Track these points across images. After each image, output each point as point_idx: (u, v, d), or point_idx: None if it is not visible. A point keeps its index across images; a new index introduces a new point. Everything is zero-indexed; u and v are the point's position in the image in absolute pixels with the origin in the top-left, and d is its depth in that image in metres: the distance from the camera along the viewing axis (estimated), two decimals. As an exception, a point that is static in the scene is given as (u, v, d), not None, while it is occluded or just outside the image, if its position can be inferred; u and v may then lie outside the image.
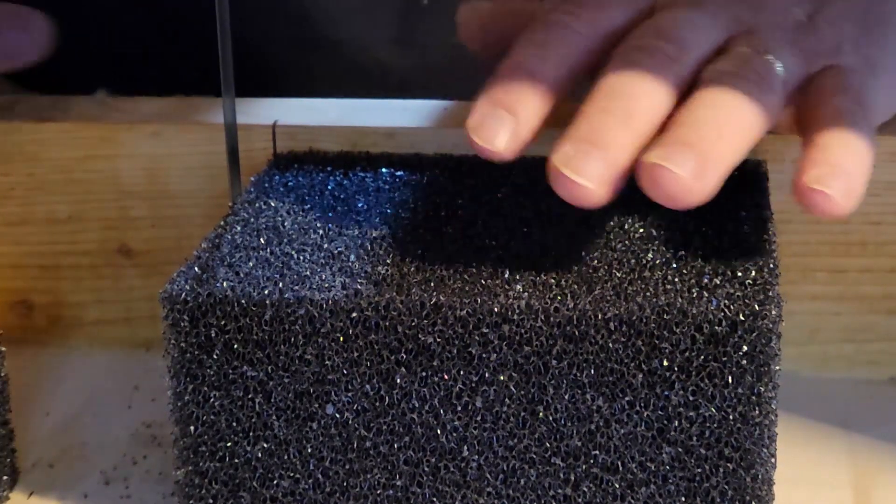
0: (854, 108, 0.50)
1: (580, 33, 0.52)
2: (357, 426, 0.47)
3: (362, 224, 0.51)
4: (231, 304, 0.46)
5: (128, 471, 0.53)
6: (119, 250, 0.61)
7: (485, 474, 0.47)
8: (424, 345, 0.46)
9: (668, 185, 0.45)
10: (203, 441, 0.48)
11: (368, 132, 0.58)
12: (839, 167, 0.47)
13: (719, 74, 0.49)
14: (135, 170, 0.60)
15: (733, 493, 0.46)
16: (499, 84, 0.50)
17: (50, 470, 0.53)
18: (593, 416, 0.46)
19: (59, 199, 0.60)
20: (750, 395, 0.45)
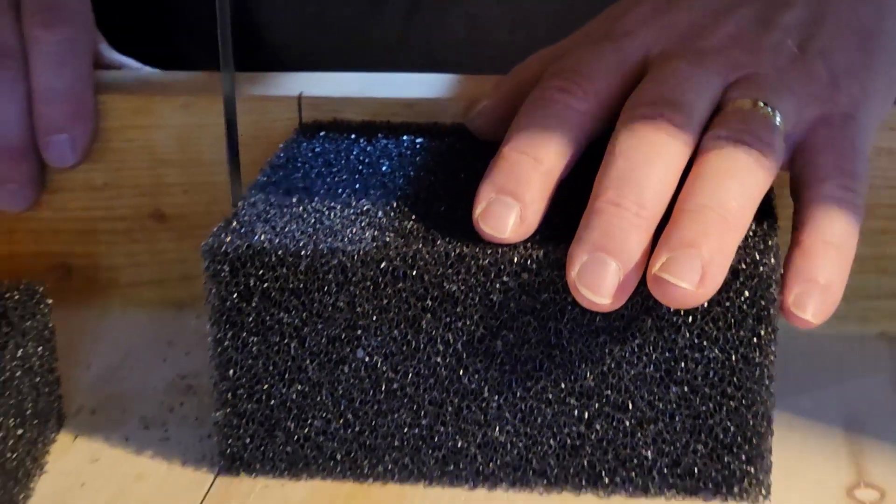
0: (843, 197, 0.51)
1: (577, 109, 0.53)
2: (385, 369, 0.50)
3: (387, 184, 0.54)
4: (268, 255, 0.49)
5: (165, 416, 0.56)
6: (152, 215, 0.64)
7: (504, 413, 0.50)
8: (449, 292, 0.49)
9: (675, 297, 0.47)
10: (241, 384, 0.51)
11: (389, 103, 0.61)
12: (817, 284, 0.49)
13: (720, 143, 0.50)
14: (168, 139, 0.63)
15: (735, 429, 0.49)
16: (501, 170, 0.51)
17: (92, 416, 0.56)
18: (605, 358, 0.49)
19: (96, 168, 0.64)
20: (751, 337, 0.48)
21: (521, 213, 0.49)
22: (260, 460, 0.52)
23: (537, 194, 0.50)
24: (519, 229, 0.49)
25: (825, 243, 0.50)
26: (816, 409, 0.56)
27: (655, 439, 0.50)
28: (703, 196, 0.48)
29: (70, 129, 0.62)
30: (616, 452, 0.50)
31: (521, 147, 0.51)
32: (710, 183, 0.49)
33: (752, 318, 0.48)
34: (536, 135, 0.51)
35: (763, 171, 0.50)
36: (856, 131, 0.54)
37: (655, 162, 0.49)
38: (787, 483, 0.51)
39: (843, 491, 0.50)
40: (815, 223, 0.51)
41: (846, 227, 0.51)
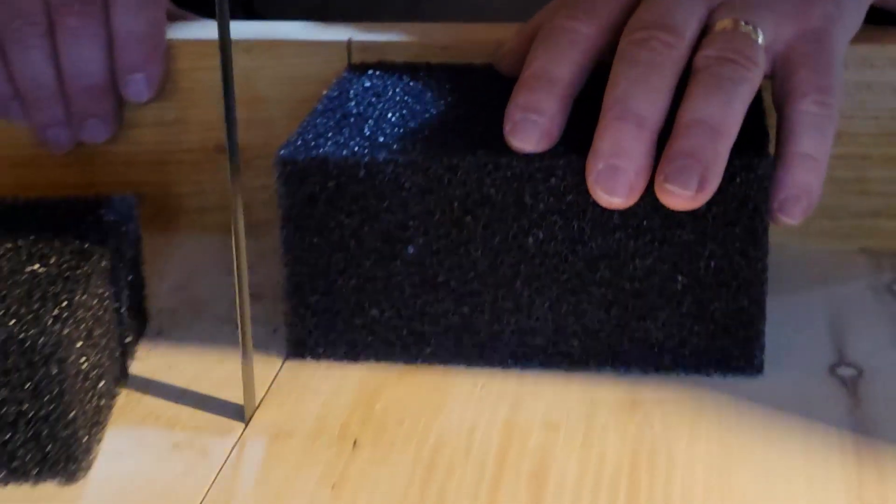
0: (818, 112, 0.59)
1: (583, 33, 0.60)
2: (431, 263, 0.58)
3: (430, 110, 0.62)
4: (331, 164, 0.57)
5: (232, 314, 0.64)
6: (216, 148, 0.72)
7: (534, 302, 0.58)
8: (486, 195, 0.57)
9: (679, 202, 0.55)
10: (307, 279, 0.59)
11: (427, 46, 0.69)
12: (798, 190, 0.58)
13: (710, 62, 0.58)
14: (231, 79, 0.71)
15: (733, 314, 0.57)
16: (523, 91, 0.58)
17: (172, 316, 0.64)
18: (621, 252, 0.57)
19: (167, 105, 0.71)
20: (747, 232, 0.56)
21: (544, 127, 0.57)
22: (322, 346, 0.60)
23: (556, 109, 0.58)
24: (542, 141, 0.57)
25: (803, 155, 0.59)
26: (804, 306, 0.64)
27: (664, 323, 0.57)
28: (697, 111, 0.56)
29: (146, 68, 0.69)
30: (630, 335, 0.58)
31: (539, 70, 0.59)
32: (702, 99, 0.56)
33: (748, 215, 0.56)
34: (551, 58, 0.59)
35: (747, 84, 0.57)
36: (830, 46, 0.61)
37: (651, 80, 0.57)
38: (779, 363, 0.58)
39: (826, 369, 0.58)
40: (794, 137, 0.59)
41: (821, 138, 0.59)
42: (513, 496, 0.50)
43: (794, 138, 0.59)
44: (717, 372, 0.58)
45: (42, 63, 0.69)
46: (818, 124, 0.59)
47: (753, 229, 0.56)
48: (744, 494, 0.50)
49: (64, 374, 0.50)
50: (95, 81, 0.69)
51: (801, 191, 0.58)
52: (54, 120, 0.70)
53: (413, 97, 0.64)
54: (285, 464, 0.53)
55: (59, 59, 0.69)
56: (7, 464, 0.51)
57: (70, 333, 0.51)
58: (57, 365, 0.50)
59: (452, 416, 0.55)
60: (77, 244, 0.56)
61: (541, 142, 0.57)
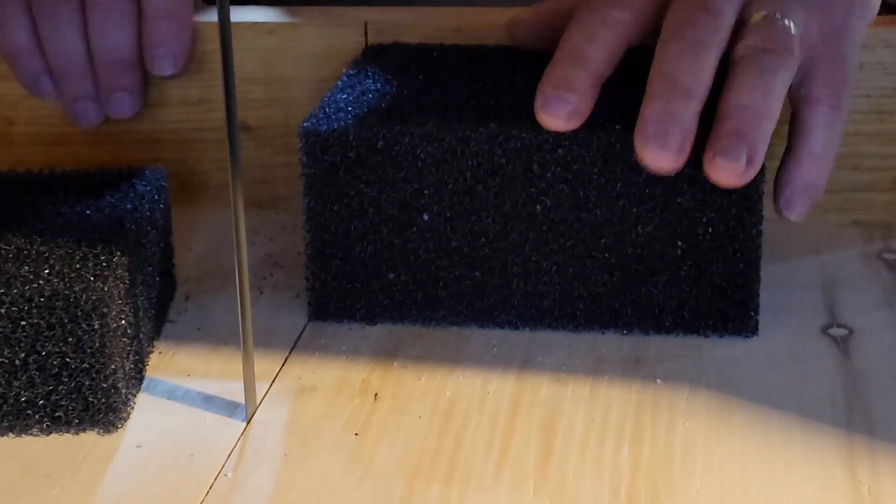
0: (830, 114, 0.63)
1: (617, 18, 0.62)
2: (445, 230, 0.61)
3: (444, 86, 0.65)
4: (351, 135, 0.60)
5: (260, 283, 0.67)
6: (239, 126, 0.75)
7: (542, 266, 0.61)
8: (498, 164, 0.60)
9: (728, 177, 0.57)
10: (328, 244, 0.62)
11: (441, 27, 0.73)
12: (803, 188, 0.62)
13: (752, 52, 0.60)
14: (254, 60, 0.74)
15: (730, 277, 0.60)
16: (556, 69, 0.60)
17: (198, 283, 0.67)
18: (624, 219, 0.60)
19: (192, 85, 0.75)
20: (743, 199, 0.59)
21: (574, 106, 0.59)
22: (342, 308, 0.63)
23: (587, 89, 0.60)
24: (572, 119, 0.59)
25: (811, 154, 0.62)
26: (799, 273, 0.67)
27: (664, 286, 0.61)
28: (742, 97, 0.59)
29: (173, 44, 0.73)
30: (633, 297, 0.61)
31: (573, 51, 0.61)
32: (746, 87, 0.59)
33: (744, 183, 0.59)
34: (585, 41, 0.62)
35: (786, 71, 0.61)
36: (848, 42, 0.64)
37: (697, 55, 0.60)
38: (775, 324, 0.62)
39: (819, 329, 0.62)
40: (807, 137, 0.63)
41: (830, 139, 0.63)
42: (525, 441, 0.54)
43: (807, 137, 0.63)
44: (714, 332, 0.61)
45: (73, 37, 0.72)
46: (830, 124, 0.63)
47: (748, 196, 0.59)
48: (742, 442, 0.53)
49: (105, 329, 0.54)
50: (123, 55, 0.73)
51: (808, 189, 0.62)
52: (83, 93, 0.73)
53: (427, 75, 0.67)
54: (311, 414, 0.56)
55: (88, 33, 0.72)
56: (51, 413, 0.55)
57: (110, 290, 0.54)
58: (99, 319, 0.53)
59: (467, 371, 0.59)
60: (113, 211, 0.59)
61: (571, 120, 0.59)
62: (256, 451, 0.54)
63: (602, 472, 0.52)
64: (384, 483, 0.51)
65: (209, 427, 0.55)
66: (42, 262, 0.55)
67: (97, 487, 0.52)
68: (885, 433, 0.54)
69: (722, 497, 0.50)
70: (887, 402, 0.56)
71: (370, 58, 0.70)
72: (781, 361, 0.59)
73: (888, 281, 0.66)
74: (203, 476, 0.52)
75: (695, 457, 0.52)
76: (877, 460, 0.52)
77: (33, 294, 0.53)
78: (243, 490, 0.51)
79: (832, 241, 0.71)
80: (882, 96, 0.71)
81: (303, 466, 0.53)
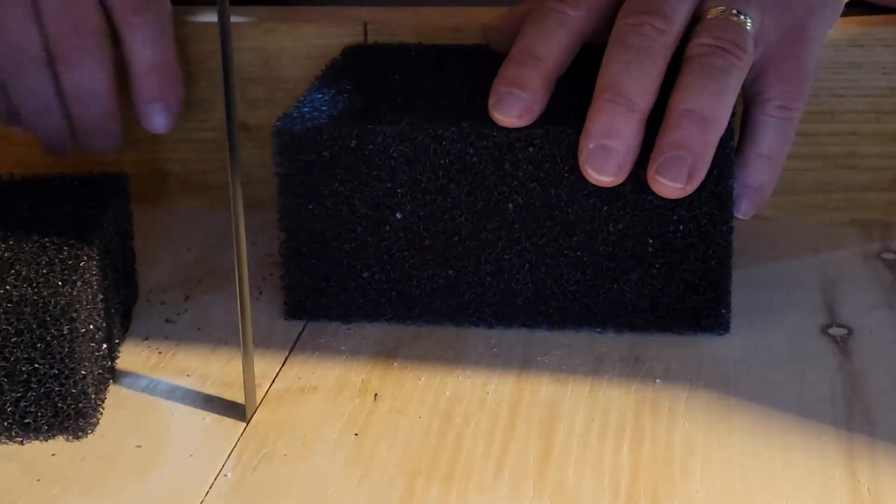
0: (780, 116, 0.62)
1: (570, 16, 0.63)
2: (418, 228, 0.61)
3: (418, 85, 0.65)
4: (324, 135, 0.60)
5: (259, 283, 0.67)
6: (241, 127, 0.75)
7: (514, 264, 0.61)
8: (469, 163, 0.60)
9: (669, 192, 0.58)
10: (303, 243, 0.62)
11: (439, 27, 0.73)
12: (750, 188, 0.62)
13: (704, 51, 0.60)
14: (253, 60, 0.74)
15: (701, 274, 0.60)
16: (510, 68, 0.61)
17: (198, 283, 0.67)
18: (595, 217, 0.60)
19: (191, 85, 0.74)
20: (713, 197, 0.59)
21: (527, 102, 0.60)
22: (317, 307, 0.63)
23: (539, 86, 0.60)
24: (524, 115, 0.60)
25: (759, 156, 0.63)
26: (798, 272, 0.67)
27: (637, 284, 0.61)
28: (689, 101, 0.59)
29: (165, 98, 0.71)
30: (606, 296, 0.61)
31: (526, 49, 0.62)
32: (694, 89, 0.59)
33: (714, 180, 0.59)
34: (538, 38, 0.62)
35: (738, 71, 0.60)
36: (805, 44, 0.64)
37: (642, 64, 0.60)
38: (774, 324, 0.62)
39: (819, 329, 0.62)
40: (755, 138, 0.63)
41: (781, 141, 0.63)
42: (525, 441, 0.54)
43: (755, 139, 0.63)
44: (687, 330, 0.61)
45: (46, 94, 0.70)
46: (779, 128, 0.63)
47: (719, 194, 0.59)
48: (742, 442, 0.53)
49: (75, 333, 0.53)
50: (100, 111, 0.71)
51: (754, 189, 0.62)
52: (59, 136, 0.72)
53: (403, 74, 0.67)
54: (311, 414, 0.56)
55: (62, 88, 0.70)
56: (20, 420, 0.54)
57: (79, 295, 0.54)
58: (68, 324, 0.53)
59: (467, 371, 0.59)
60: (78, 216, 0.59)
61: (522, 116, 0.60)
62: (256, 451, 0.54)
63: (602, 472, 0.52)
64: (384, 483, 0.52)
65: (209, 427, 0.55)
66: (8, 268, 0.54)
67: (97, 487, 0.52)
68: (885, 433, 0.54)
69: (722, 497, 0.50)
70: (887, 402, 0.56)
71: (348, 58, 0.70)
72: (781, 361, 0.59)
73: (888, 281, 0.66)
74: (203, 476, 0.52)
75: (695, 457, 0.53)
76: (877, 460, 0.52)
77: (1, 299, 0.53)
78: (243, 490, 0.51)
79: (831, 241, 0.71)
80: (880, 96, 0.71)
81: (303, 466, 0.53)
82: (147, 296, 0.66)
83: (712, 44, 0.61)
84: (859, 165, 0.72)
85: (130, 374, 0.59)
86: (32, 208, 0.60)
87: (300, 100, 0.64)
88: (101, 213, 0.60)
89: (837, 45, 0.70)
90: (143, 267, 0.67)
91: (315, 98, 0.64)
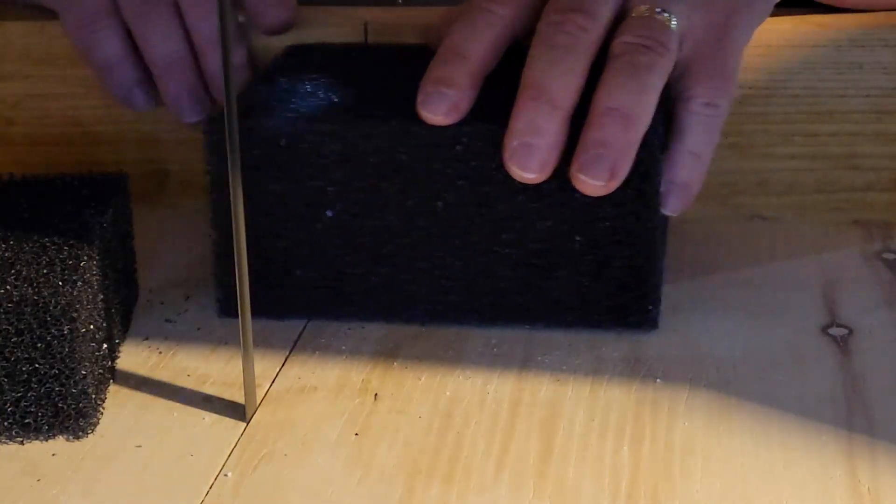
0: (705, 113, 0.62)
1: (499, 14, 0.63)
2: (350, 226, 0.61)
3: (354, 84, 0.65)
4: (256, 133, 0.61)
5: (260, 283, 0.68)
6: (239, 126, 0.75)
7: (446, 261, 0.61)
8: (399, 161, 0.60)
9: (591, 190, 0.58)
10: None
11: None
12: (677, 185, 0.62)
13: (626, 49, 0.61)
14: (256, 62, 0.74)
15: (628, 271, 0.60)
16: (437, 66, 0.62)
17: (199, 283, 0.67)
18: (524, 214, 0.60)
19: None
20: (639, 194, 0.59)
21: (453, 100, 0.60)
22: (252, 305, 0.63)
23: (466, 84, 0.61)
24: (451, 113, 0.60)
25: (687, 153, 0.62)
26: (799, 272, 0.67)
27: (566, 280, 0.61)
28: (611, 99, 0.59)
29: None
30: (535, 293, 0.61)
31: (453, 47, 0.62)
32: (616, 87, 0.59)
33: (640, 178, 0.59)
34: (465, 37, 0.63)
35: (661, 70, 0.61)
36: (730, 41, 0.64)
37: (566, 62, 0.60)
38: (774, 324, 0.62)
39: (819, 329, 0.62)
40: (681, 136, 0.63)
41: (706, 137, 0.63)
42: (525, 441, 0.54)
43: (681, 136, 0.63)
44: (616, 327, 0.61)
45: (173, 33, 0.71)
46: (705, 124, 0.63)
47: (644, 191, 0.59)
48: (742, 442, 0.53)
49: (75, 333, 0.53)
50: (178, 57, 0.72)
51: (681, 186, 0.62)
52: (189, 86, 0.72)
53: (341, 73, 0.67)
54: (311, 414, 0.56)
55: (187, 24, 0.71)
56: (20, 420, 0.54)
57: (79, 295, 0.53)
58: (69, 324, 0.53)
59: (467, 371, 0.59)
60: (78, 216, 0.59)
61: (449, 114, 0.60)
62: (256, 451, 0.54)
63: (602, 471, 0.52)
64: (384, 483, 0.51)
65: (209, 427, 0.55)
66: (8, 268, 0.54)
67: (97, 487, 0.52)
68: (885, 433, 0.54)
69: (722, 497, 0.50)
70: (887, 402, 0.56)
71: (288, 58, 0.70)
72: (781, 361, 0.59)
73: (888, 281, 0.66)
74: (203, 476, 0.52)
75: (695, 457, 0.53)
76: (877, 460, 0.52)
77: (1, 299, 0.53)
78: (243, 490, 0.51)
79: (832, 241, 0.71)
80: (881, 96, 0.71)
81: (303, 466, 0.53)
82: (147, 296, 0.66)
83: (635, 42, 0.61)
84: (860, 166, 0.72)
85: (130, 374, 0.59)
86: (32, 208, 0.60)
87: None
88: (101, 213, 0.60)
89: (839, 45, 0.70)
90: (143, 267, 0.67)
91: (249, 97, 0.64)
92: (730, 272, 0.67)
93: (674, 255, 0.69)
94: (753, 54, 0.70)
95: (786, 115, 0.72)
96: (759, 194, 0.73)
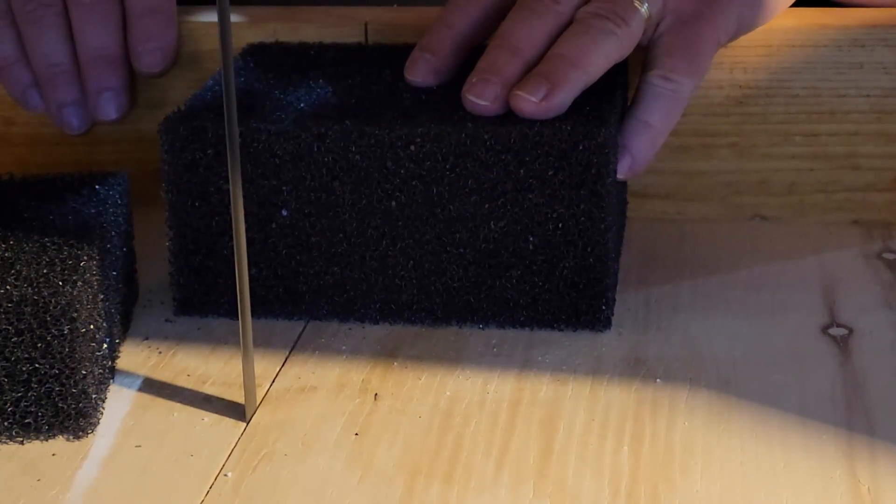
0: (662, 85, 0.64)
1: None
2: (304, 226, 0.62)
3: (309, 84, 0.65)
4: (210, 133, 0.61)
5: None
6: (239, 126, 0.75)
7: (400, 261, 0.62)
8: (352, 161, 0.61)
9: (524, 108, 0.60)
10: (190, 239, 0.62)
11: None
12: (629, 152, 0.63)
13: (586, 15, 0.64)
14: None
15: (580, 271, 0.61)
16: (426, 36, 0.65)
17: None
18: (476, 214, 0.61)
19: (191, 85, 0.74)
20: (591, 195, 0.60)
21: (434, 64, 0.65)
22: (206, 303, 0.63)
23: (448, 51, 0.65)
24: (429, 75, 0.65)
25: (640, 121, 0.64)
26: (799, 271, 0.67)
27: (518, 280, 0.61)
28: (561, 48, 0.63)
29: (160, 39, 0.73)
30: (488, 292, 0.62)
31: (440, 19, 0.66)
32: (566, 40, 0.63)
33: (591, 179, 0.59)
34: (451, 9, 0.67)
35: (615, 40, 0.63)
36: (701, 30, 0.66)
37: (531, 22, 0.64)
38: (775, 324, 0.62)
39: (819, 329, 0.62)
40: (636, 105, 0.65)
41: (661, 109, 0.65)
42: (525, 441, 0.54)
43: (636, 105, 0.65)
44: (568, 327, 0.62)
45: (57, 41, 0.72)
46: (660, 95, 0.65)
47: (596, 192, 0.60)
48: (742, 442, 0.53)
49: (75, 333, 0.53)
50: (110, 53, 0.72)
51: (629, 151, 0.64)
52: (70, 99, 0.73)
53: (297, 74, 0.67)
54: (311, 414, 0.56)
55: (74, 35, 0.72)
56: (20, 420, 0.54)
57: (79, 295, 0.53)
58: (69, 324, 0.53)
59: (467, 371, 0.59)
60: (77, 216, 0.59)
61: (427, 76, 0.65)
62: (256, 451, 0.54)
63: (602, 471, 0.52)
64: (384, 483, 0.51)
65: (209, 427, 0.55)
66: (8, 268, 0.54)
67: (97, 487, 0.52)
68: (885, 433, 0.54)
69: (722, 497, 0.50)
70: (887, 402, 0.56)
71: (246, 57, 0.70)
72: (781, 361, 0.59)
73: (888, 281, 0.66)
74: (203, 476, 0.52)
75: (695, 457, 0.53)
76: (877, 460, 0.52)
77: (1, 299, 0.52)
78: (243, 490, 0.51)
79: (832, 241, 0.71)
80: (882, 96, 0.71)
81: (303, 466, 0.53)
82: (147, 296, 0.66)
83: (595, 11, 0.64)
84: (861, 165, 0.72)
85: (130, 374, 0.59)
86: (32, 208, 0.60)
87: (191, 98, 0.64)
88: (101, 213, 0.60)
89: (839, 44, 0.70)
90: (143, 267, 0.67)
91: (206, 96, 0.64)
92: (730, 272, 0.67)
93: (674, 255, 0.69)
94: (753, 54, 0.71)
95: (786, 115, 0.72)
96: (759, 194, 0.73)
